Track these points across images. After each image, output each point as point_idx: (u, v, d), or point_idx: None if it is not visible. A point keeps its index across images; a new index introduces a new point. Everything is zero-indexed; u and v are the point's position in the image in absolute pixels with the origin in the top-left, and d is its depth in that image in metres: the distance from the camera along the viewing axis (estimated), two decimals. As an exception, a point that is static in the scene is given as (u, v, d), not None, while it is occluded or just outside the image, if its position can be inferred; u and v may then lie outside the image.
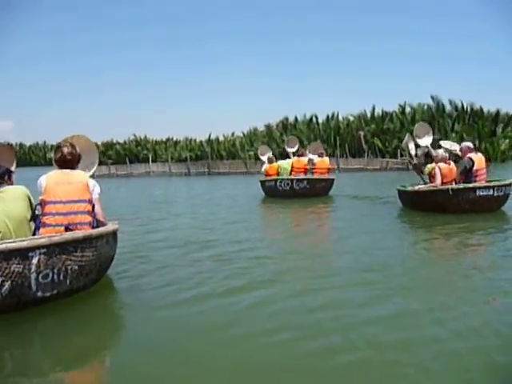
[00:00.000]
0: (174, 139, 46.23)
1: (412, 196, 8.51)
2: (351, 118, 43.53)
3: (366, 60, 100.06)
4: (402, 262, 4.42)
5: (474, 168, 8.03)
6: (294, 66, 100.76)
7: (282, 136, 41.04)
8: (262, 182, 13.05)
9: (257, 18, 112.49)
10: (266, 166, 13.43)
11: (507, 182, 8.01)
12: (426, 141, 9.36)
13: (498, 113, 39.68)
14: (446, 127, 38.64)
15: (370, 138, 40.26)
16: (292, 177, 12.51)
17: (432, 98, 39.80)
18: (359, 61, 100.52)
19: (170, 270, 4.39)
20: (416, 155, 8.98)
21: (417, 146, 9.39)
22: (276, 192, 12.52)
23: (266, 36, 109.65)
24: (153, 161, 38.46)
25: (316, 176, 12.70)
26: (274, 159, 13.66)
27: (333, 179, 12.85)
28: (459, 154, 8.49)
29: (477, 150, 8.61)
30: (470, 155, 8.19)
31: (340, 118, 43.50)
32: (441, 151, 8.22)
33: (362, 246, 5.07)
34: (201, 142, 42.69)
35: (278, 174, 12.88)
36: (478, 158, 8.19)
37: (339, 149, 39.08)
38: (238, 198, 12.69)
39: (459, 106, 40.31)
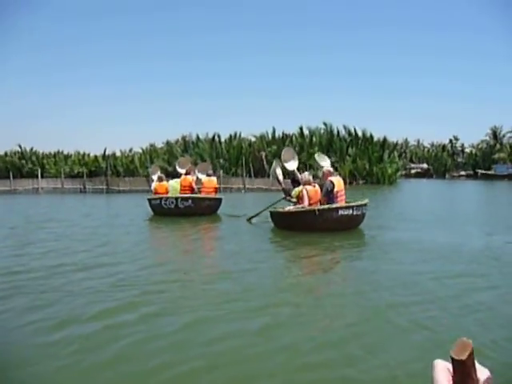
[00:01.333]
0: (65, 153, 43.55)
1: (283, 217, 9.03)
2: (253, 139, 45.29)
3: (268, 78, 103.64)
4: (286, 285, 4.57)
5: (335, 190, 8.65)
6: (195, 85, 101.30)
7: (183, 153, 40.90)
8: (149, 200, 13.39)
9: (151, 37, 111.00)
10: (154, 185, 13.81)
11: (363, 202, 8.92)
12: (292, 165, 9.93)
13: (385, 140, 43.84)
14: (342, 150, 41.46)
15: (272, 158, 41.52)
16: (177, 195, 12.81)
17: (324, 124, 43.13)
18: (261, 79, 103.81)
19: (31, 299, 4.11)
20: (293, 179, 9.45)
21: (285, 171, 10.03)
22: (161, 210, 12.81)
23: (162, 55, 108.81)
24: (41, 176, 35.68)
25: (202, 195, 13.01)
26: (165, 178, 14.04)
27: (220, 199, 13.27)
28: (319, 174, 9.14)
29: (337, 172, 9.56)
30: (330, 178, 8.77)
31: (241, 136, 45.30)
32: (306, 174, 8.83)
33: (245, 268, 5.17)
34: (95, 156, 41.02)
35: (167, 192, 13.22)
36: (338, 181, 8.83)
37: (244, 168, 39.68)
38: (129, 217, 12.71)
39: (352, 131, 43.42)
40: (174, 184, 13.36)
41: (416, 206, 14.87)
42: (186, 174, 13.25)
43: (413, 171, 61.01)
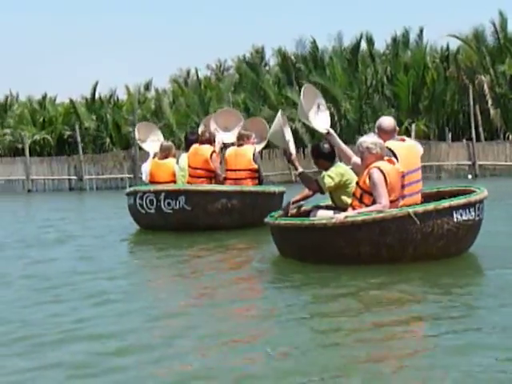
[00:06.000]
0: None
1: (323, 234, 9.62)
2: (453, 42, 44.93)
3: None
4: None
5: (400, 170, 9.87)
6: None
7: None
8: (127, 197, 15.37)
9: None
10: (147, 165, 15.62)
11: (482, 193, 9.84)
12: (320, 120, 10.75)
13: None
14: None
15: (505, 87, 41.42)
16: (159, 187, 14.29)
17: None
18: None
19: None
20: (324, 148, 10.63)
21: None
22: (141, 217, 14.85)
23: None
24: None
25: (219, 186, 14.53)
26: (174, 149, 15.62)
27: (268, 194, 14.44)
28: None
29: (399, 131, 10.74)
30: (389, 144, 9.74)
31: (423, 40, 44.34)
32: (370, 138, 9.58)
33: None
34: (71, 102, 44.90)
35: (174, 180, 14.90)
36: (407, 150, 9.89)
37: (434, 120, 39.30)
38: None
39: None
40: (182, 163, 14.97)
41: None
42: (201, 141, 14.69)
43: None
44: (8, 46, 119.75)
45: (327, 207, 10.19)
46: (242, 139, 14.60)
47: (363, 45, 43.29)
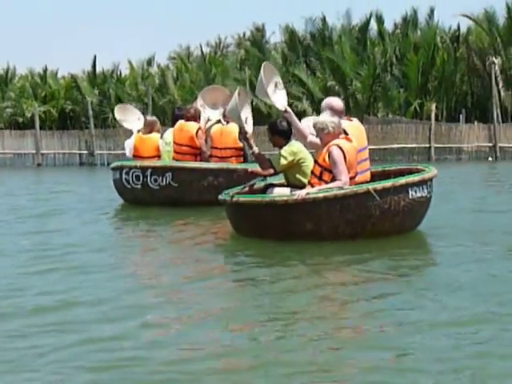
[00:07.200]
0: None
1: (284, 211, 9.88)
2: (463, 25, 45.66)
3: None
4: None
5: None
6: None
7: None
8: (114, 171, 15.98)
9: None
10: (131, 141, 16.14)
11: (433, 172, 10.60)
12: (279, 98, 11.03)
13: None
14: None
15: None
16: (146, 163, 14.89)
17: None
18: None
19: None
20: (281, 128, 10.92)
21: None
22: (127, 192, 15.45)
23: None
24: None
25: (211, 164, 14.85)
26: (158, 124, 16.22)
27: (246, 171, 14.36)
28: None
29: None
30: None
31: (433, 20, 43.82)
32: (325, 117, 9.85)
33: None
34: (72, 77, 45.16)
35: (158, 156, 15.56)
36: (356, 129, 10.28)
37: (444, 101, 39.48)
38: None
39: None
40: (167, 138, 15.64)
41: None
42: (187, 118, 15.16)
43: None
44: (5, 18, 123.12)
45: (281, 185, 10.49)
46: (227, 116, 14.85)
47: (372, 24, 43.08)
